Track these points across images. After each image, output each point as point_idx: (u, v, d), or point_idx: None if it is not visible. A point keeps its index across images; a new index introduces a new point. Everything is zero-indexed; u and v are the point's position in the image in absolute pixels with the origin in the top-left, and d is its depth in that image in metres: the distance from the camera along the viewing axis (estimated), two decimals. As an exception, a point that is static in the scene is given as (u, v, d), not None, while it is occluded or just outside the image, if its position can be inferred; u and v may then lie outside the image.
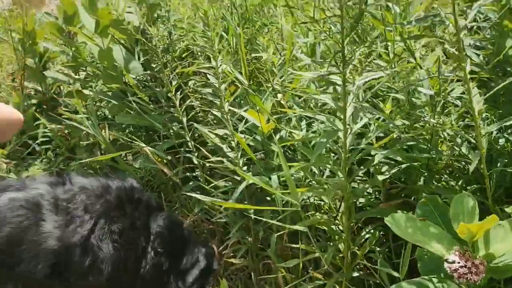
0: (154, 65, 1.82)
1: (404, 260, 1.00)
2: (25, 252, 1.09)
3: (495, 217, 0.80)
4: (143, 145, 1.68)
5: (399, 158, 1.15)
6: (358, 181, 1.44)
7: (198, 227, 1.89)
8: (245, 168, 1.55)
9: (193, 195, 1.40)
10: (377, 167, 1.32)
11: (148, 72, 1.78)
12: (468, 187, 1.08)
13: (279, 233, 1.42)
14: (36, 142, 2.23)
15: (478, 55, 1.20)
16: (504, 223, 0.88)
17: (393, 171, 1.23)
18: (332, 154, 1.30)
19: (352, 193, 1.23)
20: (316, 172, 1.34)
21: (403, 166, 1.23)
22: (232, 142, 1.49)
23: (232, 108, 1.45)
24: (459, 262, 0.83)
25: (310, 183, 1.34)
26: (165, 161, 1.78)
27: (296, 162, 1.50)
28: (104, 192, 1.26)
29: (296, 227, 1.20)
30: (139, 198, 1.34)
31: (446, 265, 0.84)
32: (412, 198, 1.29)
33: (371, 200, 1.43)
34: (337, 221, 1.33)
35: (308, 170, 1.34)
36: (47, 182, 1.20)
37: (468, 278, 0.82)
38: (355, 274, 1.27)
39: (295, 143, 1.38)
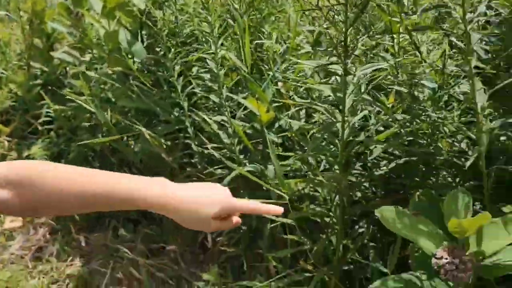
0: (158, 49, 1.80)
1: (392, 256, 0.97)
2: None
3: (488, 215, 0.77)
4: (143, 128, 1.67)
5: (398, 153, 1.12)
6: (356, 175, 1.42)
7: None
8: (242, 156, 1.53)
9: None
10: (375, 161, 1.29)
11: (152, 56, 1.76)
12: (466, 184, 1.04)
13: (273, 224, 1.40)
14: (39, 121, 2.23)
15: (487, 51, 1.16)
16: (498, 221, 0.84)
17: (391, 165, 1.21)
18: (331, 146, 1.28)
19: (348, 186, 1.21)
20: (313, 163, 1.32)
21: (402, 160, 1.20)
22: (229, 129, 1.47)
23: (230, 94, 1.43)
24: (446, 258, 0.80)
25: (306, 174, 1.32)
26: (164, 145, 1.77)
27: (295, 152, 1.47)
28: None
29: (285, 220, 1.18)
30: None
31: (433, 260, 0.81)
32: (410, 193, 1.26)
33: (368, 194, 1.40)
34: (331, 214, 1.31)
35: (305, 161, 1.32)
36: None
37: (455, 275, 0.79)
38: (345, 267, 1.25)
39: (294, 134, 1.36)
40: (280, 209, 0.75)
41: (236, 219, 0.73)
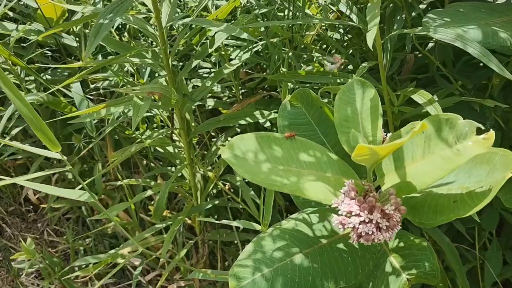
0: None
1: (266, 208, 0.62)
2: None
3: (423, 124, 0.41)
4: None
5: (246, 36, 0.70)
6: (204, 76, 1.01)
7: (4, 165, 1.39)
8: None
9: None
10: (223, 53, 0.89)
11: None
12: (356, 68, 0.69)
13: (103, 171, 0.97)
14: None
15: None
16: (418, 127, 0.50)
17: (245, 56, 0.81)
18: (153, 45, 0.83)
19: (187, 97, 0.80)
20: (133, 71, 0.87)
21: (258, 45, 0.81)
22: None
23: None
24: (358, 215, 0.46)
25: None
26: None
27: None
28: None
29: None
30: None
31: (334, 220, 0.47)
32: (277, 91, 0.90)
33: (226, 100, 1.02)
34: (175, 139, 0.92)
35: (120, 72, 0.86)
36: None
37: (376, 240, 0.47)
38: (209, 205, 0.90)
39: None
40: None
41: None
